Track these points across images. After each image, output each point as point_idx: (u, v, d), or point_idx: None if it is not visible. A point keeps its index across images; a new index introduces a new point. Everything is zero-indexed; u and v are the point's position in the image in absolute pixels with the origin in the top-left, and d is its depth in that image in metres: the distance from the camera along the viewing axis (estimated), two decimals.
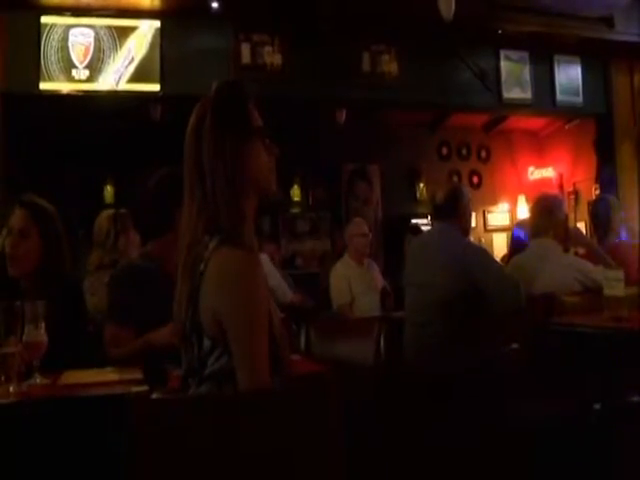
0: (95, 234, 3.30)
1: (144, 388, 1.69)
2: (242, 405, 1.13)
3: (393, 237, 6.38)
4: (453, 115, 6.91)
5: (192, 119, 1.49)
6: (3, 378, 1.82)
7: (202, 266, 1.39)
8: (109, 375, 1.96)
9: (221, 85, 1.53)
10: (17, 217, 2.29)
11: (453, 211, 3.25)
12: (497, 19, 5.32)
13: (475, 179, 7.81)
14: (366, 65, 5.37)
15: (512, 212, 7.81)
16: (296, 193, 6.65)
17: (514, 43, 5.79)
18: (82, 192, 6.17)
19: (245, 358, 1.34)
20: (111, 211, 3.39)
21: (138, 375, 1.91)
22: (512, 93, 5.83)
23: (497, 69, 5.79)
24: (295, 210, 6.69)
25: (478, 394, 1.35)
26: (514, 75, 5.84)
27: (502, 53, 5.80)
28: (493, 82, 5.74)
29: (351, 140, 6.42)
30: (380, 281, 4.77)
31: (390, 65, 5.41)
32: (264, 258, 4.23)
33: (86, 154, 5.89)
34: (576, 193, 7.16)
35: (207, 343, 1.38)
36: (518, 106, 6.02)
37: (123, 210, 3.37)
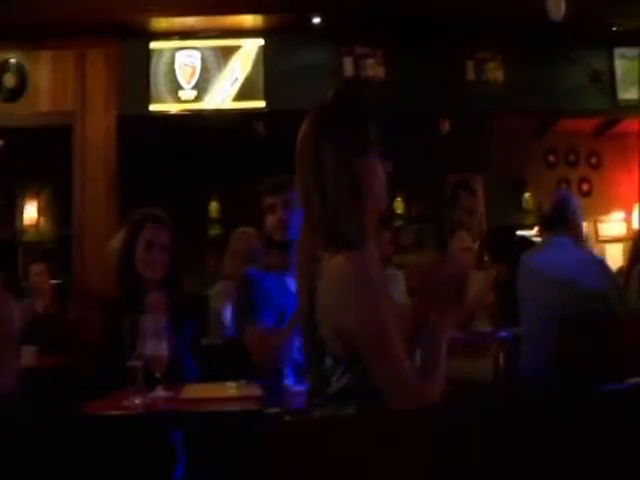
0: (237, 247, 3.56)
1: (266, 406, 1.68)
2: (387, 427, 1.07)
3: (498, 249, 6.16)
4: (561, 120, 6.61)
5: (307, 127, 1.43)
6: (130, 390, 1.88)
7: (318, 281, 1.34)
8: (229, 391, 1.97)
9: (340, 94, 1.48)
10: (159, 232, 2.40)
11: (562, 222, 3.13)
12: (611, 15, 5.02)
13: (585, 187, 7.41)
14: (470, 74, 5.24)
15: (628, 221, 7.36)
16: (399, 205, 6.56)
17: (630, 40, 5.45)
18: (188, 207, 6.36)
19: (387, 368, 1.25)
20: (253, 230, 3.54)
21: (257, 391, 1.90)
22: (628, 94, 5.47)
23: (611, 69, 5.45)
24: (398, 223, 6.60)
25: (613, 419, 1.22)
26: (630, 74, 5.48)
27: (616, 51, 5.47)
28: (606, 83, 5.43)
29: (454, 150, 6.28)
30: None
31: (495, 72, 5.25)
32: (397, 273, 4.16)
33: (192, 171, 6.08)
34: None
35: (329, 361, 1.33)
36: (635, 107, 5.66)
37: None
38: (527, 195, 7.14)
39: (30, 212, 6.57)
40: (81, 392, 2.09)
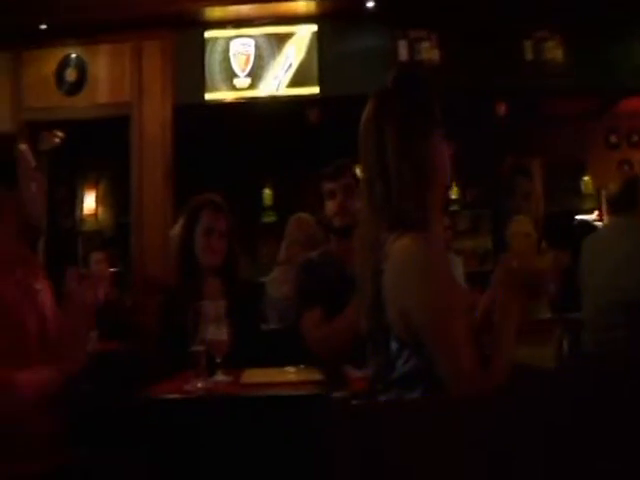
0: (294, 233, 3.57)
1: (327, 390, 1.68)
2: (453, 411, 1.06)
3: (556, 234, 6.00)
4: (623, 99, 6.36)
5: (369, 111, 1.42)
6: (192, 374, 1.91)
7: (384, 264, 1.33)
8: (289, 375, 1.99)
9: (401, 76, 1.46)
10: (217, 218, 2.43)
11: (631, 204, 3.03)
12: None
13: None
14: (528, 54, 5.08)
15: None
16: (454, 190, 6.46)
17: None
18: (242, 194, 6.41)
19: (445, 353, 1.23)
20: (310, 216, 3.60)
21: (317, 376, 1.91)
22: None
23: None
24: (453, 208, 6.50)
25: None
26: None
27: None
28: None
29: (511, 133, 6.12)
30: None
31: (555, 51, 5.07)
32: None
33: (246, 158, 6.12)
34: None
35: (394, 345, 1.32)
36: None
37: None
38: (586, 179, 6.92)
39: (89, 202, 6.76)
40: (141, 377, 2.14)
